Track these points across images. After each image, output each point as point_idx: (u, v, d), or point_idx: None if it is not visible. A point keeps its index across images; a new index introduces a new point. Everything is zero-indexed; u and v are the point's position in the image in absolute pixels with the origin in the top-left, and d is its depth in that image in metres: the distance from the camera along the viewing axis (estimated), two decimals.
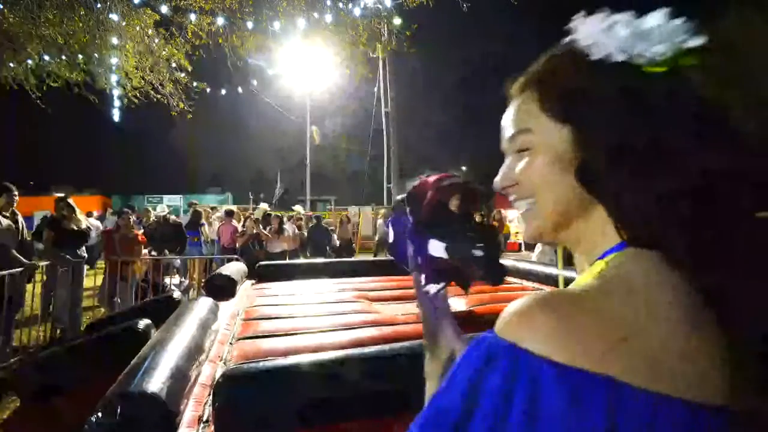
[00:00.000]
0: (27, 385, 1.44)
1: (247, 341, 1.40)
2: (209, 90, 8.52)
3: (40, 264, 4.67)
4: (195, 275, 6.74)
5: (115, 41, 6.38)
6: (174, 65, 7.16)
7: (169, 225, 7.35)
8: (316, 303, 1.91)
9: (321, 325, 1.54)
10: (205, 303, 1.59)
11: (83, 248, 5.18)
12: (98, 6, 6.08)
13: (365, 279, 2.50)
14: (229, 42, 6.75)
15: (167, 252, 6.62)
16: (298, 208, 12.50)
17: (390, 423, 0.98)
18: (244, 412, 0.94)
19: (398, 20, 6.84)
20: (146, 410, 0.86)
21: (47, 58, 6.52)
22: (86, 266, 5.52)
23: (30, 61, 6.50)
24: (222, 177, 32.51)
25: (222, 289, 2.07)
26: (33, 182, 24.39)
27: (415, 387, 0.58)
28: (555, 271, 2.54)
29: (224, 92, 10.64)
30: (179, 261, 7.16)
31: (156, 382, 0.91)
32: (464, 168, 19.16)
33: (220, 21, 6.49)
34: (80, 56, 6.59)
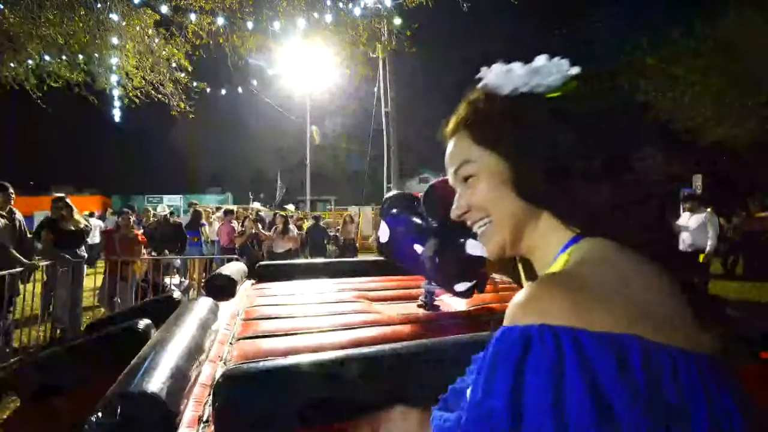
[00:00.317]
0: (27, 385, 1.44)
1: (247, 341, 1.39)
2: (209, 90, 8.54)
3: (41, 264, 4.66)
4: (195, 275, 6.76)
5: (116, 41, 6.38)
6: (174, 65, 7.17)
7: (169, 225, 7.36)
8: (316, 303, 1.91)
9: (321, 325, 1.54)
10: (205, 303, 1.59)
11: (83, 248, 5.17)
12: (98, 6, 6.08)
13: (365, 279, 2.49)
14: (230, 42, 6.75)
15: (167, 252, 6.63)
16: (291, 208, 12.51)
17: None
18: (244, 412, 0.94)
19: (398, 20, 6.84)
20: (146, 410, 0.86)
21: (48, 58, 6.53)
22: (86, 266, 5.52)
23: (30, 61, 6.51)
24: (222, 177, 32.60)
25: (222, 289, 2.06)
26: (33, 182, 24.45)
27: (415, 386, 0.58)
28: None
29: (224, 92, 10.67)
30: (179, 261, 7.16)
31: (156, 382, 0.91)
32: None
33: (220, 21, 6.49)
34: (80, 56, 6.60)
